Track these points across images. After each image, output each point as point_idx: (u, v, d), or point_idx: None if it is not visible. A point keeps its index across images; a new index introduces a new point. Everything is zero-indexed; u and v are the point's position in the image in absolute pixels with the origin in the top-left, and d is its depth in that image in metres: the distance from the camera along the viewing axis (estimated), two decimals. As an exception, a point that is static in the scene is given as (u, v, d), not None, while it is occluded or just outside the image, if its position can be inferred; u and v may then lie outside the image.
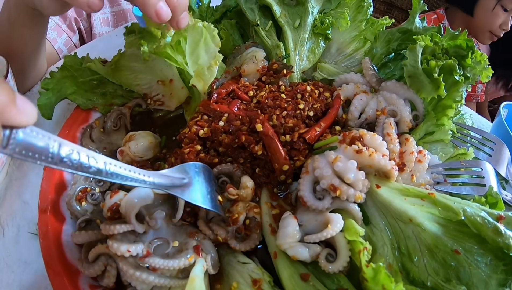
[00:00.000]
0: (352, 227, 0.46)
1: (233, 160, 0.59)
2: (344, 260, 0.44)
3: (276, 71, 0.71)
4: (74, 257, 0.54)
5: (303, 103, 0.62)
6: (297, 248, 0.45)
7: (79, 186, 0.60)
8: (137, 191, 0.48)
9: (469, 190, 0.58)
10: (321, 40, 0.80)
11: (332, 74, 0.77)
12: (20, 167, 0.72)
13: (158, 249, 0.47)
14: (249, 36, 0.83)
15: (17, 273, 0.58)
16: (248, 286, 0.46)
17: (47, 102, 0.68)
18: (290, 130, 0.58)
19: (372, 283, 0.40)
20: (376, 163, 0.51)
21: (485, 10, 1.66)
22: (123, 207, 0.48)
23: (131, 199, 0.47)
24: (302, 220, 0.50)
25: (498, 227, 0.45)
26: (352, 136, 0.54)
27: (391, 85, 0.67)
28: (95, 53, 0.75)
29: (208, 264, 0.48)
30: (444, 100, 0.63)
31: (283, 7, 0.79)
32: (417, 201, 0.51)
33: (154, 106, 0.73)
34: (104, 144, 0.69)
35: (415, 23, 0.73)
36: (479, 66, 0.64)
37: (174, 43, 0.65)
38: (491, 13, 1.64)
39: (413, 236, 0.49)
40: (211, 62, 0.66)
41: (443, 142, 0.65)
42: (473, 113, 0.92)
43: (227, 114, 0.61)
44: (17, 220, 0.64)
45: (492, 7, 1.63)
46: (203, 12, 0.85)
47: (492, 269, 0.45)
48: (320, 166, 0.51)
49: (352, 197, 0.50)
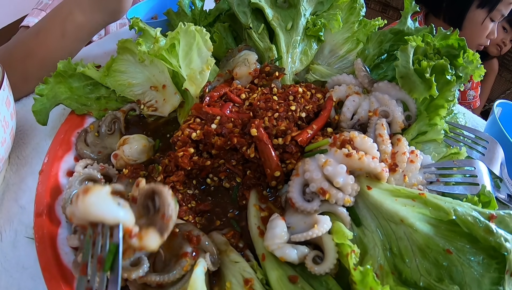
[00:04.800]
0: (340, 230, 0.46)
1: (225, 162, 0.60)
2: (331, 262, 0.45)
3: (268, 74, 0.71)
4: (70, 261, 0.54)
5: (295, 105, 0.62)
6: (285, 249, 0.45)
7: (74, 190, 0.60)
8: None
9: (462, 190, 0.58)
10: (314, 42, 0.80)
11: (325, 76, 0.78)
12: (18, 172, 0.73)
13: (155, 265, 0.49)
14: (242, 39, 0.84)
15: (15, 278, 0.59)
16: (240, 286, 0.47)
17: (42, 108, 0.69)
18: (283, 133, 0.59)
19: (361, 286, 0.40)
20: (366, 166, 0.51)
21: (474, 24, 1.59)
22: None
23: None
24: (291, 222, 0.50)
25: (489, 226, 0.45)
26: (342, 139, 0.54)
27: (383, 86, 0.67)
28: (90, 58, 0.76)
29: (208, 263, 0.48)
30: (437, 100, 0.63)
31: (276, 9, 0.79)
32: (408, 202, 0.51)
33: (148, 111, 0.74)
34: (98, 148, 0.70)
35: (407, 23, 0.73)
36: (471, 65, 0.64)
37: (169, 46, 0.66)
38: (480, 26, 1.58)
39: (404, 236, 0.49)
40: (203, 66, 0.67)
41: (436, 142, 0.65)
42: (466, 112, 0.92)
43: (220, 116, 0.61)
44: (14, 225, 0.65)
45: (482, 20, 1.57)
46: (196, 16, 0.86)
47: (485, 268, 0.45)
48: (310, 169, 0.51)
49: (341, 200, 0.50)
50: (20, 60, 0.81)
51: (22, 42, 0.84)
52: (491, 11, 1.54)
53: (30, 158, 0.75)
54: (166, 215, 0.41)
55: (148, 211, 0.43)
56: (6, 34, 2.29)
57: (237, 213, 0.59)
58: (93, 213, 0.37)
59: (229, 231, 0.56)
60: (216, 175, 0.61)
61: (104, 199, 0.38)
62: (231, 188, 0.61)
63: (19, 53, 0.82)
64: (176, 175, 0.58)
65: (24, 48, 0.82)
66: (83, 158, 0.68)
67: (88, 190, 0.37)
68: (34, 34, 0.82)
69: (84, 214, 0.37)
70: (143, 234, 0.39)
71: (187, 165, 0.58)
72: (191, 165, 0.59)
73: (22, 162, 0.75)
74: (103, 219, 0.38)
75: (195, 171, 0.61)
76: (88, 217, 0.38)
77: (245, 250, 0.54)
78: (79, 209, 0.37)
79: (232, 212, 0.59)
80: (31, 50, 0.81)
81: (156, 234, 0.40)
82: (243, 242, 0.55)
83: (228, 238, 0.54)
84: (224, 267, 0.50)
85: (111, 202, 0.38)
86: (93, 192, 0.37)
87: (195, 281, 0.43)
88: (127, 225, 0.39)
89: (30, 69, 0.81)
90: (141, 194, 0.44)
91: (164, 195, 0.42)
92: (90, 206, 0.37)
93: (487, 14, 1.55)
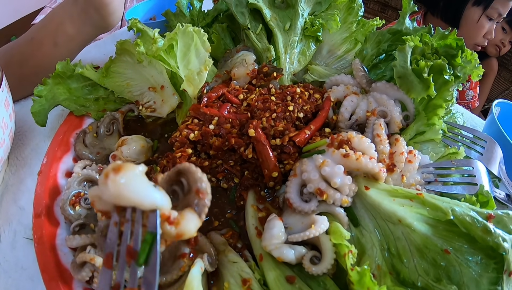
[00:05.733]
0: (337, 231, 0.46)
1: (223, 163, 0.60)
2: (329, 262, 0.45)
3: (266, 74, 0.71)
4: (68, 261, 0.54)
5: (292, 105, 0.63)
6: (282, 250, 0.45)
7: (72, 191, 0.61)
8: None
9: (460, 189, 0.58)
10: (312, 42, 0.80)
11: (323, 76, 0.78)
12: (16, 173, 0.73)
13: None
14: (240, 40, 0.84)
15: (14, 278, 0.59)
16: (238, 286, 0.47)
17: (40, 109, 0.69)
18: (280, 134, 0.59)
19: (358, 286, 0.40)
20: (364, 167, 0.51)
21: (470, 22, 1.58)
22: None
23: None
24: (288, 222, 0.50)
25: (487, 226, 0.45)
26: (340, 140, 0.54)
27: (381, 86, 0.67)
28: (88, 59, 0.76)
29: (206, 263, 0.48)
30: (435, 100, 0.63)
31: (274, 10, 0.79)
32: (406, 202, 0.51)
33: (146, 112, 0.74)
34: (97, 149, 0.70)
35: (405, 23, 0.73)
36: (469, 65, 0.64)
37: (167, 47, 0.66)
38: (476, 25, 1.57)
39: (402, 237, 0.49)
40: (201, 67, 0.67)
41: (434, 142, 0.65)
42: (464, 111, 0.92)
43: (217, 117, 0.61)
44: (13, 226, 0.65)
45: (477, 18, 1.55)
46: (194, 16, 0.86)
47: (483, 268, 0.45)
48: (308, 169, 0.52)
49: (338, 201, 0.50)
50: (17, 63, 0.82)
51: (18, 46, 0.85)
52: (486, 9, 1.53)
53: (29, 159, 0.75)
54: (200, 189, 0.35)
55: (177, 197, 0.38)
56: (6, 34, 2.30)
57: (235, 214, 0.59)
58: (127, 195, 0.30)
59: (227, 231, 0.56)
60: (214, 176, 0.61)
61: (139, 180, 0.31)
62: (229, 188, 0.61)
63: (16, 56, 0.83)
64: (174, 175, 0.58)
65: (20, 52, 0.83)
66: (82, 159, 0.68)
67: (120, 168, 0.30)
68: (29, 40, 0.83)
69: (116, 197, 0.31)
70: (180, 218, 0.34)
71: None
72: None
73: (21, 163, 0.75)
74: (138, 203, 0.31)
75: (193, 171, 0.61)
76: (120, 200, 0.31)
77: (244, 251, 0.54)
78: (110, 191, 0.30)
79: (230, 213, 0.59)
80: (26, 55, 0.82)
81: (194, 215, 0.34)
82: (241, 243, 0.55)
83: (227, 238, 0.54)
84: (222, 267, 0.50)
85: (147, 183, 0.32)
86: (127, 171, 0.30)
87: (191, 281, 0.43)
88: (164, 210, 0.33)
89: (25, 74, 0.82)
90: (165, 181, 0.38)
91: (192, 171, 0.36)
92: (124, 187, 0.30)
93: (483, 11, 1.54)
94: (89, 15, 0.78)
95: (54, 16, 0.81)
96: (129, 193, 0.31)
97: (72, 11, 0.78)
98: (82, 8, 0.77)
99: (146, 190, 0.32)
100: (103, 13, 0.77)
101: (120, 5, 0.80)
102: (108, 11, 0.78)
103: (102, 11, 0.77)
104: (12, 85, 0.68)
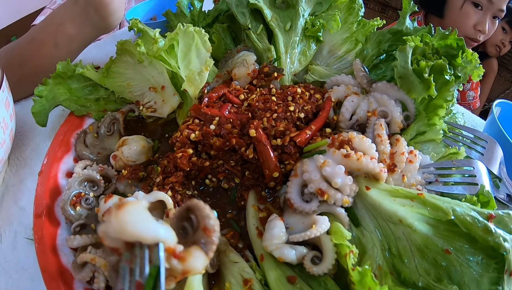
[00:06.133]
0: (338, 231, 0.46)
1: (224, 163, 0.60)
2: (330, 262, 0.45)
3: (267, 74, 0.71)
4: (69, 262, 0.54)
5: (293, 105, 0.63)
6: (283, 250, 0.45)
7: (73, 191, 0.61)
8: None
9: (461, 190, 0.58)
10: (312, 43, 0.80)
11: (323, 76, 0.78)
12: (17, 173, 0.73)
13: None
14: (241, 40, 0.84)
15: (14, 279, 0.59)
16: (239, 287, 0.47)
17: (41, 109, 0.69)
18: (281, 134, 0.59)
19: (359, 286, 0.40)
20: (365, 167, 0.51)
21: (453, 10, 1.50)
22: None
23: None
24: (289, 222, 0.50)
25: (488, 226, 0.45)
26: (340, 140, 0.54)
27: (381, 86, 0.67)
28: (89, 59, 0.76)
29: (207, 265, 0.48)
30: (435, 100, 0.63)
31: (274, 10, 0.80)
32: (406, 202, 0.51)
33: (147, 113, 0.74)
34: (98, 149, 0.70)
35: (405, 24, 0.73)
36: (470, 65, 0.64)
37: (167, 47, 0.66)
38: (460, 12, 1.49)
39: (403, 237, 0.49)
40: (202, 67, 0.67)
41: (435, 142, 0.65)
42: (465, 111, 0.92)
43: (218, 117, 0.61)
44: (14, 226, 0.65)
45: (460, 5, 1.48)
46: (195, 17, 0.86)
47: (484, 268, 0.45)
48: (309, 170, 0.52)
49: (339, 201, 0.50)
50: (17, 64, 0.82)
51: (19, 46, 0.85)
52: None
53: (29, 159, 0.75)
54: (207, 226, 0.36)
55: (186, 233, 0.39)
56: (6, 34, 2.30)
57: (236, 214, 0.59)
58: (129, 231, 0.32)
59: (229, 231, 0.56)
60: (215, 176, 0.61)
61: (141, 215, 0.33)
62: (230, 189, 0.61)
63: (17, 57, 0.83)
64: (175, 176, 0.59)
65: (20, 53, 0.83)
66: (83, 159, 0.68)
67: (123, 205, 0.33)
68: (30, 41, 0.83)
69: (119, 233, 0.33)
70: (186, 255, 0.35)
71: (186, 166, 0.59)
72: (190, 166, 0.59)
73: (22, 163, 0.75)
74: (141, 238, 0.33)
75: (194, 172, 0.61)
76: (124, 236, 0.33)
77: (245, 251, 0.54)
78: (113, 227, 0.32)
79: (231, 213, 0.59)
80: (27, 56, 0.82)
81: (201, 252, 0.35)
82: (242, 243, 0.55)
83: (228, 238, 0.54)
84: (223, 267, 0.50)
85: (150, 217, 0.34)
86: (129, 207, 0.33)
87: (191, 282, 0.43)
88: (169, 244, 0.34)
89: (26, 74, 0.82)
90: (175, 217, 0.39)
91: (200, 208, 0.37)
92: (126, 223, 0.32)
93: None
94: (89, 16, 0.78)
95: (55, 17, 0.82)
96: (131, 227, 0.33)
97: (72, 12, 0.79)
98: (83, 8, 0.77)
99: (148, 224, 0.34)
100: (103, 13, 0.77)
101: (120, 5, 0.80)
102: (108, 12, 0.78)
103: (102, 11, 0.77)
104: (13, 85, 0.68)
